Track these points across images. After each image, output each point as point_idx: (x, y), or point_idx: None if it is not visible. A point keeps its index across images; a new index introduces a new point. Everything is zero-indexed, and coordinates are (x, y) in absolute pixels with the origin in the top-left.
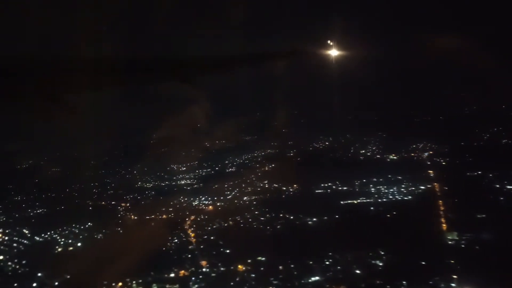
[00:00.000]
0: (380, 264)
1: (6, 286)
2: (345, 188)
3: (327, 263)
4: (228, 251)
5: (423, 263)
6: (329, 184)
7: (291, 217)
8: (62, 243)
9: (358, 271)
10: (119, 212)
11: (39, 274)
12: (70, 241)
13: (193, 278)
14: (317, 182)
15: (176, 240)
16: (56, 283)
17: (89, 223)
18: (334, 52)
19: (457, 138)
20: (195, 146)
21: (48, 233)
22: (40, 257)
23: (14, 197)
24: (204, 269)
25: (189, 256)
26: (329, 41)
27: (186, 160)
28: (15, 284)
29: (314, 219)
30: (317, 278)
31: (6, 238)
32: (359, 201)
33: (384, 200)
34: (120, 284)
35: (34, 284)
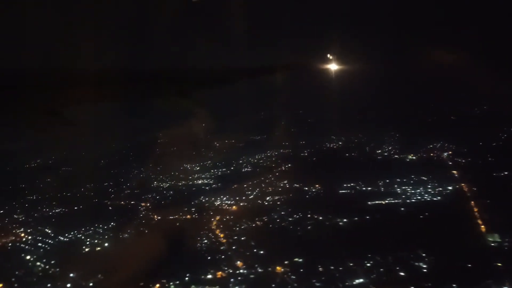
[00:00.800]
0: (424, 266)
1: (39, 286)
2: (369, 188)
3: (368, 265)
4: (262, 252)
5: (469, 265)
6: (352, 184)
7: (320, 218)
8: (88, 243)
9: (402, 273)
10: (140, 212)
11: (72, 275)
12: (96, 241)
13: (232, 280)
14: (339, 182)
15: (205, 241)
16: (91, 284)
17: (112, 223)
18: (334, 66)
19: (473, 138)
20: (204, 146)
21: (72, 232)
22: (69, 257)
23: (28, 197)
24: (241, 271)
25: (223, 257)
26: (328, 55)
27: (198, 159)
28: (49, 285)
29: (345, 220)
30: (361, 280)
31: (30, 237)
32: (387, 201)
33: (413, 200)
34: (157, 285)
35: (68, 285)
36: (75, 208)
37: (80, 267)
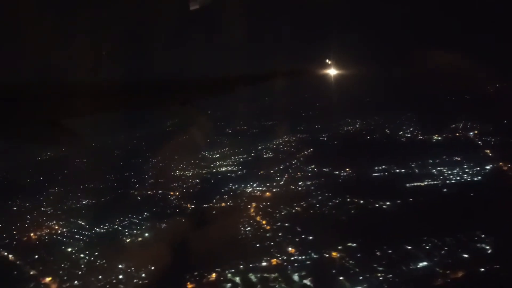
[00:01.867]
0: (487, 247)
1: (89, 278)
2: (402, 170)
3: (427, 247)
4: (310, 238)
5: None
6: (384, 167)
7: (361, 202)
8: (127, 233)
9: (465, 255)
10: (171, 201)
11: (120, 266)
12: (135, 231)
13: (289, 267)
14: (370, 166)
15: (249, 228)
16: (143, 275)
17: (145, 213)
18: (333, 71)
19: (495, 116)
20: (217, 133)
21: (107, 224)
22: (112, 248)
23: (49, 189)
24: (295, 257)
25: (272, 244)
26: (327, 60)
27: (214, 147)
28: (100, 277)
29: (388, 203)
30: (425, 263)
31: (65, 230)
32: (425, 183)
33: (453, 181)
34: (214, 274)
35: (121, 276)
36: (102, 199)
37: (127, 258)
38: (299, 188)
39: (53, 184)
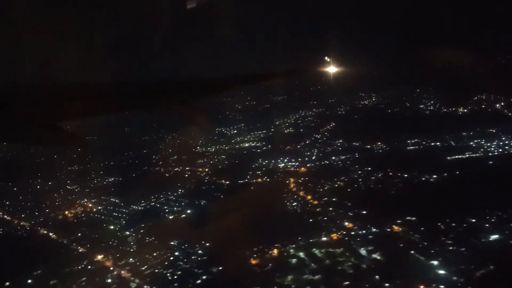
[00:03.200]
0: None
1: (143, 255)
2: (437, 143)
3: (493, 220)
4: (364, 212)
5: None
6: (417, 140)
7: (406, 175)
8: (168, 210)
9: None
10: (202, 177)
11: (172, 243)
12: (175, 208)
13: (352, 242)
14: (401, 139)
15: (295, 204)
16: (200, 251)
17: (180, 190)
18: (332, 69)
19: None
20: (228, 109)
21: (143, 201)
22: (157, 225)
23: (67, 167)
24: (355, 232)
25: (325, 218)
26: (326, 58)
27: (229, 122)
28: (154, 254)
29: (434, 176)
30: (496, 236)
31: (100, 207)
32: (467, 156)
33: (496, 154)
34: (275, 250)
35: (177, 253)
36: (128, 177)
37: (178, 235)
38: (334, 163)
39: (69, 162)
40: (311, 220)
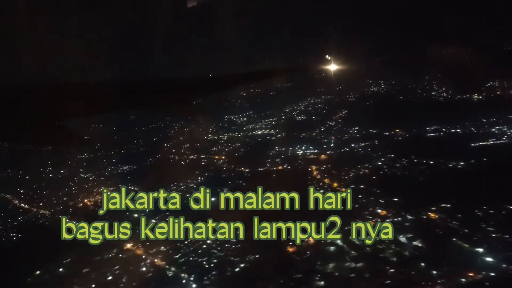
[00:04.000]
0: None
1: (175, 243)
2: (458, 130)
3: None
4: (396, 199)
5: None
6: (436, 127)
7: (431, 162)
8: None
9: None
10: (220, 165)
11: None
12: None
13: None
14: (419, 126)
15: (322, 191)
16: (234, 240)
17: (200, 178)
18: (333, 67)
19: None
20: (233, 95)
21: (164, 188)
22: (183, 213)
23: (77, 155)
24: (391, 219)
25: (356, 206)
26: (327, 56)
27: (236, 110)
28: (186, 241)
29: (462, 163)
30: None
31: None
32: (491, 142)
33: None
34: (310, 238)
35: (209, 241)
36: (143, 164)
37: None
38: (355, 151)
39: (78, 150)
40: (342, 207)
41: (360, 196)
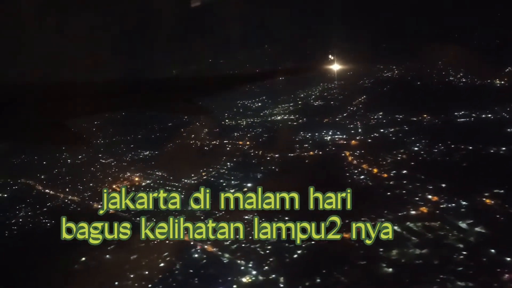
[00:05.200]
0: None
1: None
2: (489, 116)
3: None
4: (443, 185)
5: None
6: (465, 112)
7: (470, 147)
8: (225, 184)
9: None
10: (246, 150)
11: (248, 217)
12: (233, 182)
13: (444, 215)
14: (446, 111)
15: (363, 177)
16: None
17: (228, 163)
18: (336, 67)
19: None
20: (240, 83)
21: (193, 175)
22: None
23: (94, 141)
24: (444, 205)
25: (404, 191)
26: (330, 56)
27: (249, 95)
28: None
29: (503, 149)
30: None
31: (148, 181)
32: None
33: None
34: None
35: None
36: (164, 149)
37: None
38: (384, 136)
39: (92, 136)
40: (389, 193)
41: (405, 182)
